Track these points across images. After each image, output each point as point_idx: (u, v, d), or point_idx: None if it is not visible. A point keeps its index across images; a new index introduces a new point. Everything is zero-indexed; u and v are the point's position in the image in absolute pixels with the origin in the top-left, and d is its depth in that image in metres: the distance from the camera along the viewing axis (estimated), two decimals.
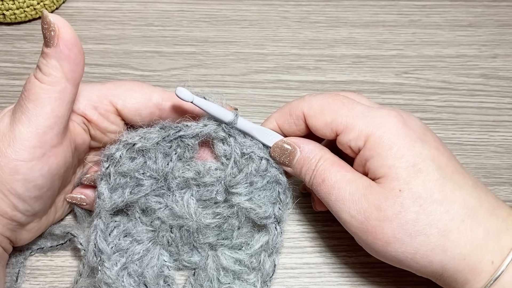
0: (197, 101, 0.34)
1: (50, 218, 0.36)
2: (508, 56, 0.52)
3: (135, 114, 0.35)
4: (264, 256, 0.35)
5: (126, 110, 0.35)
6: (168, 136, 0.35)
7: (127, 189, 0.35)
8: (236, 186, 0.35)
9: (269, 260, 0.35)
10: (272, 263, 0.35)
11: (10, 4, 0.49)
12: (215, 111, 0.35)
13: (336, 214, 0.33)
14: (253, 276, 0.35)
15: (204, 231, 0.36)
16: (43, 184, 0.32)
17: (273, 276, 0.35)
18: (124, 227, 0.36)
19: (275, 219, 0.36)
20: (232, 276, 0.36)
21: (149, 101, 0.35)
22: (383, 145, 0.32)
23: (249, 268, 0.36)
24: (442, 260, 0.30)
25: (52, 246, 0.37)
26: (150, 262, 0.36)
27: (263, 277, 0.35)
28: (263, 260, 0.35)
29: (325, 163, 0.34)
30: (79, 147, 0.35)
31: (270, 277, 0.35)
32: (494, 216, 0.31)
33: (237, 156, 0.35)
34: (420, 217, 0.30)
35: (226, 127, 0.35)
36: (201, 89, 0.48)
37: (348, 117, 0.33)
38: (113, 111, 0.35)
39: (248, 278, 0.35)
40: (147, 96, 0.35)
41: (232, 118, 0.35)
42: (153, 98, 0.36)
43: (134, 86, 0.36)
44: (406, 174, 0.31)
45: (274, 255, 0.36)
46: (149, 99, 0.35)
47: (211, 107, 0.35)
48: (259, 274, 0.35)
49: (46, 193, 0.33)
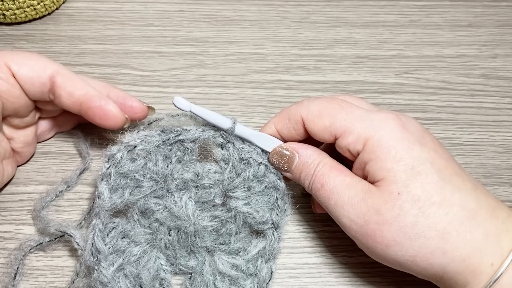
0: (195, 109, 0.35)
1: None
2: (508, 56, 0.52)
3: (27, 81, 0.36)
4: (261, 262, 0.35)
5: (19, 76, 0.36)
6: (168, 140, 0.36)
7: (127, 190, 0.35)
8: (234, 190, 0.36)
9: (266, 266, 0.35)
10: (269, 269, 0.35)
11: (10, 4, 0.49)
12: (213, 119, 0.35)
13: (336, 218, 0.33)
14: (250, 282, 0.35)
15: (201, 234, 0.36)
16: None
17: (269, 283, 0.35)
18: (122, 228, 0.36)
19: (272, 225, 0.36)
20: (228, 281, 0.36)
21: (43, 72, 0.36)
22: (382, 148, 0.32)
23: (246, 274, 0.36)
24: (442, 262, 0.30)
25: (50, 240, 0.37)
26: (146, 264, 0.36)
27: (260, 283, 0.35)
28: (259, 266, 0.35)
29: (323, 168, 0.34)
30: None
31: (267, 284, 0.35)
32: (494, 217, 0.31)
33: (235, 161, 0.36)
34: (419, 220, 0.30)
35: (224, 134, 0.36)
36: (201, 89, 0.48)
37: (347, 121, 0.33)
38: (10, 74, 0.36)
39: (244, 283, 0.35)
40: (42, 67, 0.36)
41: (230, 126, 0.35)
42: (48, 69, 0.36)
43: (32, 55, 0.37)
44: (404, 177, 0.31)
45: (271, 261, 0.36)
46: (43, 70, 0.36)
47: (209, 115, 0.35)
48: (255, 280, 0.35)
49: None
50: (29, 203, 0.40)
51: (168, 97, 0.46)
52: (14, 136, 0.39)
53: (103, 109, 0.37)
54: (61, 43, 0.50)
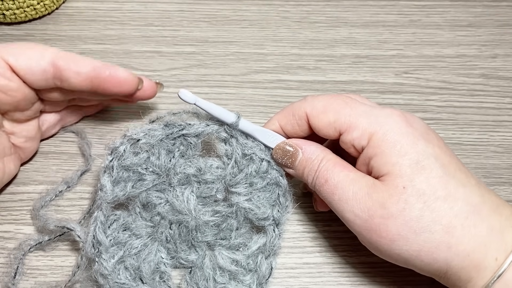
0: (200, 102, 0.35)
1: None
2: (508, 56, 0.52)
3: (27, 71, 0.35)
4: (261, 258, 0.36)
5: (18, 67, 0.35)
6: (171, 134, 0.36)
7: (129, 183, 0.36)
8: (236, 186, 0.36)
9: (266, 262, 0.35)
10: (269, 266, 0.35)
11: (10, 4, 0.49)
12: (217, 113, 0.35)
13: (340, 214, 0.33)
14: (249, 277, 0.35)
15: (202, 229, 0.36)
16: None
17: (269, 279, 0.35)
18: (124, 221, 0.36)
19: (273, 221, 0.36)
20: (228, 276, 0.36)
21: (41, 59, 0.36)
22: (387, 143, 0.32)
23: (246, 269, 0.36)
24: (447, 257, 0.30)
25: (50, 239, 0.37)
26: (147, 257, 0.36)
27: (259, 279, 0.35)
28: (259, 262, 0.35)
29: (327, 164, 0.34)
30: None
31: (266, 280, 0.35)
32: (498, 213, 0.31)
33: (238, 157, 0.36)
34: (424, 214, 0.30)
35: (228, 129, 0.36)
36: (201, 89, 0.48)
37: (351, 116, 0.33)
38: (7, 68, 0.35)
39: (244, 279, 0.35)
40: (39, 54, 0.36)
41: (234, 120, 0.35)
42: (46, 55, 0.36)
43: (28, 44, 0.36)
44: (410, 171, 0.31)
45: (271, 257, 0.36)
46: (41, 57, 0.36)
47: (214, 109, 0.35)
48: (255, 276, 0.35)
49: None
50: (28, 203, 0.40)
51: (168, 97, 0.46)
52: (15, 130, 0.39)
53: (113, 77, 0.37)
54: (61, 43, 0.50)
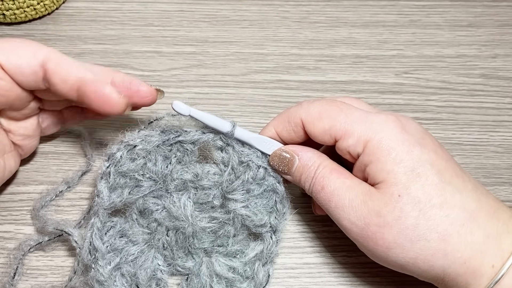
0: (194, 113, 0.35)
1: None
2: (508, 56, 0.52)
3: (17, 72, 0.33)
4: (258, 265, 0.35)
5: (8, 66, 0.33)
6: (168, 140, 0.36)
7: (126, 189, 0.36)
8: (233, 192, 0.36)
9: (263, 269, 0.35)
10: (266, 273, 0.35)
11: (10, 4, 0.49)
12: (212, 123, 0.35)
13: (336, 221, 0.33)
14: (246, 284, 0.35)
15: (199, 235, 0.36)
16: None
17: (266, 286, 0.35)
18: (120, 228, 0.36)
19: (270, 228, 0.36)
20: (225, 283, 0.36)
21: (33, 59, 0.33)
22: (382, 150, 0.32)
23: (243, 277, 0.36)
24: (443, 264, 0.30)
25: (50, 239, 0.37)
26: (143, 264, 0.36)
27: (256, 286, 0.35)
28: (257, 269, 0.35)
29: (324, 170, 0.34)
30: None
31: (263, 287, 0.35)
32: (495, 219, 0.31)
33: (234, 164, 0.36)
34: (420, 222, 0.30)
35: (224, 137, 0.36)
36: (201, 89, 0.48)
37: (347, 123, 0.33)
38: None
39: (241, 286, 0.35)
40: (31, 54, 0.34)
41: (229, 129, 0.35)
42: (37, 55, 0.34)
43: (22, 42, 0.34)
44: (405, 179, 0.31)
45: (268, 264, 0.36)
46: (33, 57, 0.33)
47: (209, 119, 0.35)
48: (252, 283, 0.35)
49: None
50: (29, 203, 0.40)
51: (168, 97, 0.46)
52: (12, 128, 0.38)
53: (98, 94, 0.33)
54: (61, 43, 0.50)
